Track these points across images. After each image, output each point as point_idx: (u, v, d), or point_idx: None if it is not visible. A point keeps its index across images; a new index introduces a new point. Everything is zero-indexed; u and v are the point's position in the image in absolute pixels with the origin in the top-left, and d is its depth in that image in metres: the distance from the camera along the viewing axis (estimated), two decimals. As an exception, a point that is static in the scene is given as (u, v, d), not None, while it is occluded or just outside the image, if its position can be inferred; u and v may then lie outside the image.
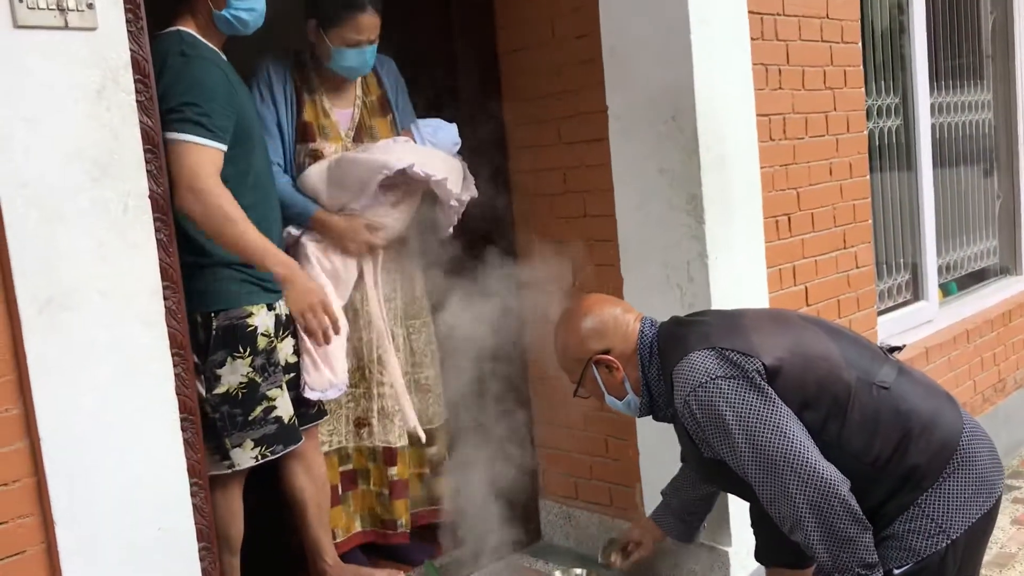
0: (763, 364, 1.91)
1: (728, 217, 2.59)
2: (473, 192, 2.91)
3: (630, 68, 2.60)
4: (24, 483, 1.81)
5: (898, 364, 2.05)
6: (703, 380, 1.91)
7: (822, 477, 1.84)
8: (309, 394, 2.65)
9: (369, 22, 2.68)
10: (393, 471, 3.00)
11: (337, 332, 2.49)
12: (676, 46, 2.48)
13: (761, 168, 2.77)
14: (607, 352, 2.13)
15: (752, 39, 2.74)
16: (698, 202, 2.52)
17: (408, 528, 3.04)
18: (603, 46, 2.66)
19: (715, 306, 2.53)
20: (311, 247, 2.74)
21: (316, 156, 2.79)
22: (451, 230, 2.92)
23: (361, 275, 2.84)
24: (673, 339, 2.07)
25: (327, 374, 2.67)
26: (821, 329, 2.07)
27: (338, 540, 2.92)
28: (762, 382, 1.89)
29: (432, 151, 2.83)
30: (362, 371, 2.92)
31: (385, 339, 2.88)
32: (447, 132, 2.88)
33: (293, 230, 2.73)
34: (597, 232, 2.85)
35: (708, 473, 2.15)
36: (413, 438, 3.01)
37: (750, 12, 2.73)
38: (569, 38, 2.82)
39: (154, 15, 2.33)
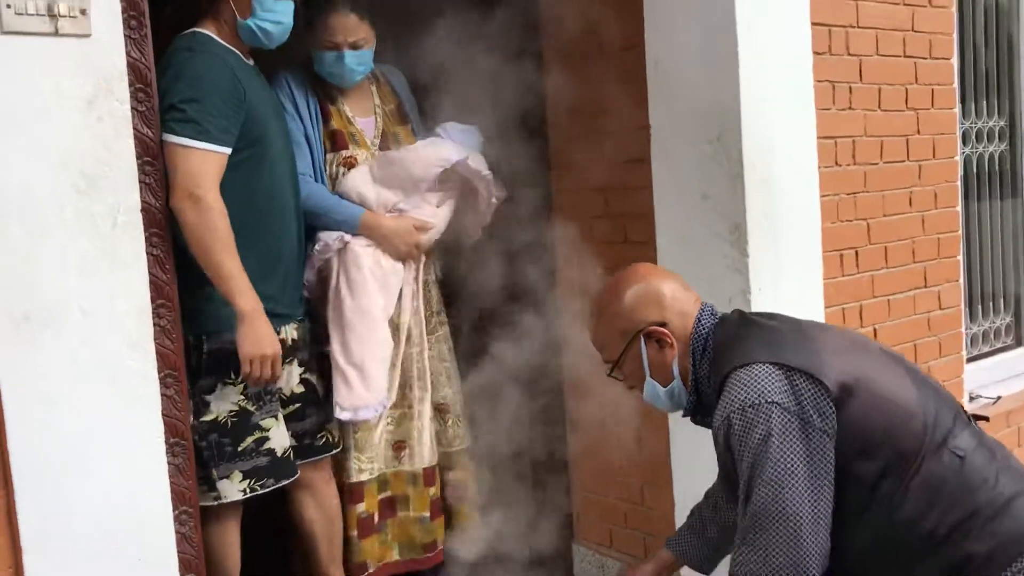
0: (828, 389, 1.70)
1: (776, 249, 2.45)
2: (503, 192, 2.90)
3: (674, 82, 2.50)
4: (-8, 505, 1.83)
5: (980, 433, 1.84)
6: (756, 400, 1.70)
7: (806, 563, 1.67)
8: (340, 415, 2.63)
9: (341, 24, 2.67)
10: (432, 491, 2.96)
11: (275, 382, 2.38)
12: (721, 60, 2.37)
13: (822, 196, 2.63)
14: (662, 325, 1.87)
15: (816, 53, 2.60)
16: (742, 232, 2.39)
17: (443, 544, 3.00)
18: (647, 57, 2.57)
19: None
20: (362, 252, 2.72)
21: (349, 164, 2.80)
22: (480, 232, 2.92)
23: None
24: (735, 338, 1.84)
25: (360, 392, 2.64)
26: (903, 368, 1.85)
27: (370, 571, 2.88)
28: (817, 429, 1.69)
29: (471, 150, 2.83)
30: (403, 389, 2.89)
31: (415, 354, 2.85)
32: (473, 133, 2.88)
33: (344, 236, 2.73)
34: (637, 260, 2.73)
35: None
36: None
37: (815, 24, 2.60)
38: (615, 49, 2.74)
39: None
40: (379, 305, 2.73)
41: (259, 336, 2.26)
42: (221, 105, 2.22)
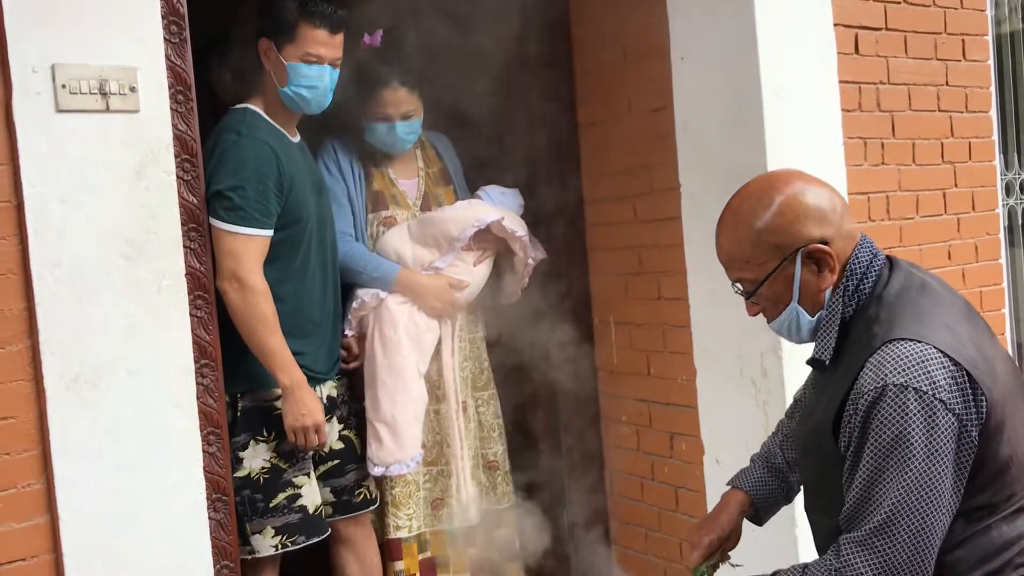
0: (986, 412, 1.52)
1: (808, 306, 2.47)
2: (543, 253, 2.96)
3: (702, 143, 2.56)
4: (41, 559, 1.92)
5: None
6: (923, 387, 1.49)
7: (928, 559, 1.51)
8: (373, 470, 2.69)
9: (393, 97, 2.77)
10: (473, 551, 2.98)
11: (321, 448, 2.50)
12: (748, 121, 2.42)
13: (856, 251, 2.64)
14: (824, 243, 1.59)
15: (846, 111, 2.64)
16: (773, 289, 2.41)
17: None
18: (675, 120, 2.63)
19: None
20: (397, 309, 2.80)
21: (389, 223, 2.90)
22: (520, 293, 2.96)
23: (439, 341, 2.90)
24: (908, 301, 1.60)
25: (391, 448, 2.70)
26: None
27: None
28: (970, 445, 1.52)
29: (509, 211, 2.91)
30: (440, 446, 2.94)
31: (454, 412, 2.90)
32: (512, 196, 2.96)
33: (380, 293, 2.82)
34: (671, 317, 2.78)
35: (808, 448, 1.73)
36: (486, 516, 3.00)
37: (843, 82, 2.64)
38: (645, 112, 2.81)
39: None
40: (412, 362, 2.79)
41: (301, 408, 2.36)
42: (264, 191, 2.33)
